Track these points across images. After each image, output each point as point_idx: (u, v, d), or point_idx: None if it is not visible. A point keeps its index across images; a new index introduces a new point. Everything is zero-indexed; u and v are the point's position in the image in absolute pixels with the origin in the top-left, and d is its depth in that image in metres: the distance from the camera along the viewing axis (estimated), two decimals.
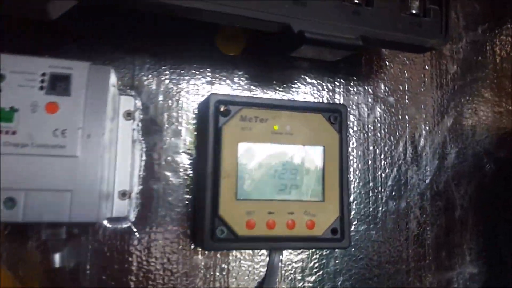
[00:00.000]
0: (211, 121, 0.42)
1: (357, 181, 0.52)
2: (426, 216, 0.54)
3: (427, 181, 0.55)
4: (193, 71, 0.48)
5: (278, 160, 0.43)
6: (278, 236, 0.42)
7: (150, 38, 0.46)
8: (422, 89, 0.57)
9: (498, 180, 0.58)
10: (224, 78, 0.49)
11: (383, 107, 0.54)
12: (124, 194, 0.44)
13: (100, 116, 0.36)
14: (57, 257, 0.40)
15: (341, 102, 0.53)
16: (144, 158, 0.45)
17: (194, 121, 0.47)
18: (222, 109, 0.42)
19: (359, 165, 0.52)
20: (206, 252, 0.45)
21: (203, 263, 0.45)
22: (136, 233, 0.44)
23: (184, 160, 0.46)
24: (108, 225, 0.43)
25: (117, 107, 0.44)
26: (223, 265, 0.46)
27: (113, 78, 0.39)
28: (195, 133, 0.47)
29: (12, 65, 0.35)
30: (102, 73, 0.37)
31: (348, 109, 0.53)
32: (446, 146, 0.57)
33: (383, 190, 0.53)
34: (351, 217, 0.51)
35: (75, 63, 0.36)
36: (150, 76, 0.46)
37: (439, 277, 0.54)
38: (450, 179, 0.56)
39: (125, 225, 0.44)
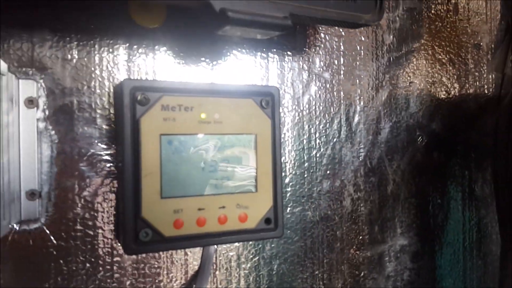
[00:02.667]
0: (127, 112, 0.37)
1: (292, 162, 0.50)
2: (360, 193, 0.54)
3: (361, 158, 0.54)
4: (106, 47, 0.41)
5: (206, 152, 0.39)
6: (209, 233, 0.39)
7: (50, 7, 0.39)
8: (357, 63, 0.55)
9: (430, 152, 0.60)
10: (143, 55, 0.43)
11: (318, 83, 0.52)
12: (32, 194, 0.39)
13: None
14: None
15: (276, 80, 0.49)
16: (53, 151, 0.40)
17: (111, 107, 0.42)
18: (139, 97, 0.37)
19: (294, 146, 0.50)
20: None
21: (129, 262, 0.42)
22: (52, 237, 0.39)
23: (101, 151, 0.41)
24: (17, 228, 0.38)
25: (16, 94, 0.38)
26: (153, 262, 0.43)
27: None
28: (113, 120, 0.41)
29: None
30: None
31: (283, 87, 0.50)
32: (380, 121, 0.56)
33: (318, 170, 0.52)
34: (286, 199, 0.50)
35: None
36: (53, 55, 0.39)
37: (372, 252, 0.55)
38: (384, 155, 0.56)
39: (36, 229, 0.39)
